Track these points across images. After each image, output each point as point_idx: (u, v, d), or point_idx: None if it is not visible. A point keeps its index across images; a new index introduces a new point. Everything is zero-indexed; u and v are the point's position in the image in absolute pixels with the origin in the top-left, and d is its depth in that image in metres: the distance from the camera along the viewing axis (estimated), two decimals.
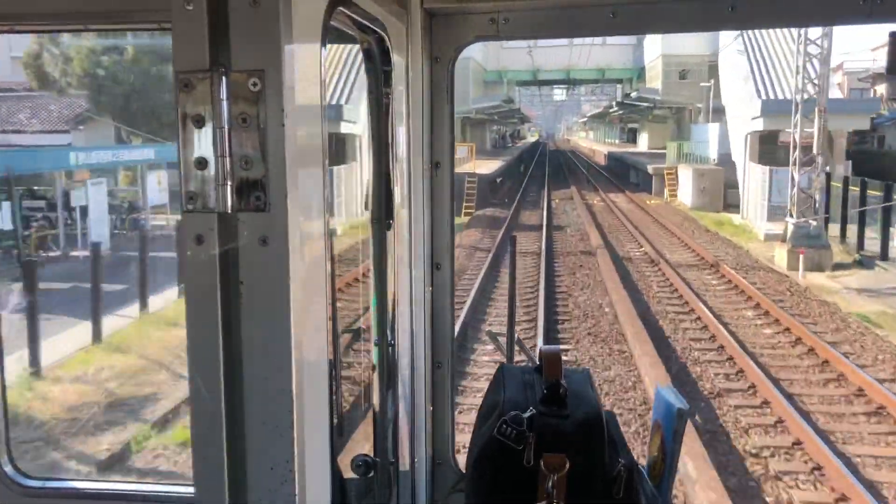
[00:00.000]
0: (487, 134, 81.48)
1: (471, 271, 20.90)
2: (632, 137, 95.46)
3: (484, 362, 13.40)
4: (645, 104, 63.81)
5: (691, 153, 45.78)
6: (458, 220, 15.02)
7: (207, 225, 1.38)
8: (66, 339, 13.61)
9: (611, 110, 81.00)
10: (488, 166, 44.71)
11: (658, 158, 55.60)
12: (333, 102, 27.94)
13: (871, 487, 9.05)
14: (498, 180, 46.24)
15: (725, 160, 40.57)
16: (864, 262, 23.92)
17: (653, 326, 15.90)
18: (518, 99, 77.85)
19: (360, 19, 2.00)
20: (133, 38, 35.20)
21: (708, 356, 14.10)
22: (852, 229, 26.25)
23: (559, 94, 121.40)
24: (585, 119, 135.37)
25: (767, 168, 30.09)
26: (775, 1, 2.22)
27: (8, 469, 2.26)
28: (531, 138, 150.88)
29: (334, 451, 1.84)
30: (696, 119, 57.01)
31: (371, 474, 2.34)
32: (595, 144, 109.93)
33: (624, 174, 59.35)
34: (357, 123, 28.07)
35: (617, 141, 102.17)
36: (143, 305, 16.35)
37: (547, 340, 14.56)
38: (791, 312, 16.97)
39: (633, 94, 60.26)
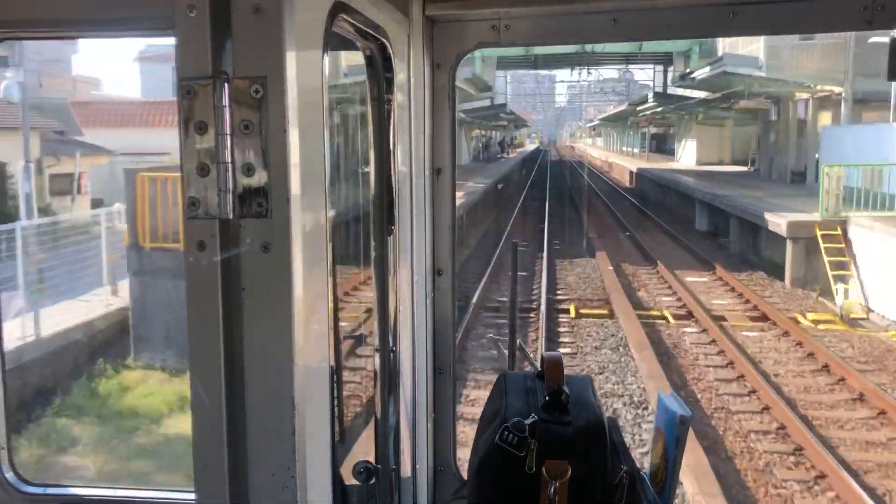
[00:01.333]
0: (464, 142, 56.25)
1: None
2: (660, 146, 70.88)
3: None
4: (702, 94, 38.97)
5: (861, 189, 20.69)
6: None
7: (209, 231, 1.39)
8: None
9: (641, 107, 54.77)
10: None
11: (722, 183, 31.22)
12: None
13: None
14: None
15: None
16: None
17: None
18: (504, 91, 52.78)
19: (361, 26, 1.99)
20: None
21: None
22: None
23: (562, 90, 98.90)
24: (595, 122, 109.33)
25: None
26: (777, 7, 2.26)
27: (9, 475, 2.29)
28: (530, 146, 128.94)
29: (336, 458, 1.79)
30: (810, 115, 32.01)
31: (373, 481, 2.34)
32: (612, 156, 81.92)
33: (679, 213, 33.83)
34: None
35: (637, 150, 76.63)
36: None
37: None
38: None
39: (701, 74, 34.68)
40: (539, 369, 2.15)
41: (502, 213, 33.10)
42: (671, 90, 45.11)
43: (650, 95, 50.53)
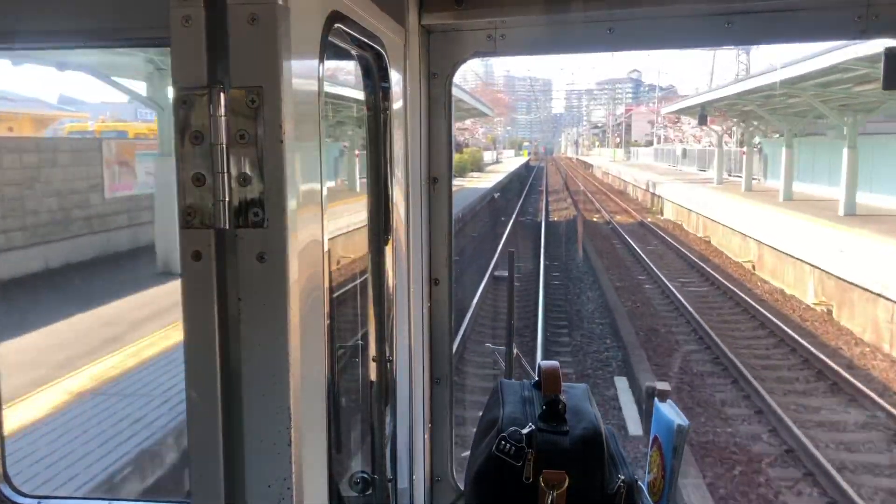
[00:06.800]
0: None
1: None
2: None
3: None
4: None
5: None
6: None
7: (205, 241, 1.40)
8: None
9: None
10: None
11: None
12: None
13: None
14: None
15: None
16: None
17: None
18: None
19: (358, 36, 2.00)
20: None
21: None
22: None
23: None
24: (695, 100, 41.48)
25: None
26: (771, 17, 2.32)
27: (3, 487, 2.28)
28: (514, 160, 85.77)
29: (332, 469, 1.80)
30: None
31: (369, 492, 2.33)
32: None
33: None
34: None
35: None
36: None
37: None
38: None
39: None
40: (536, 378, 2.14)
41: None
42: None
43: None
